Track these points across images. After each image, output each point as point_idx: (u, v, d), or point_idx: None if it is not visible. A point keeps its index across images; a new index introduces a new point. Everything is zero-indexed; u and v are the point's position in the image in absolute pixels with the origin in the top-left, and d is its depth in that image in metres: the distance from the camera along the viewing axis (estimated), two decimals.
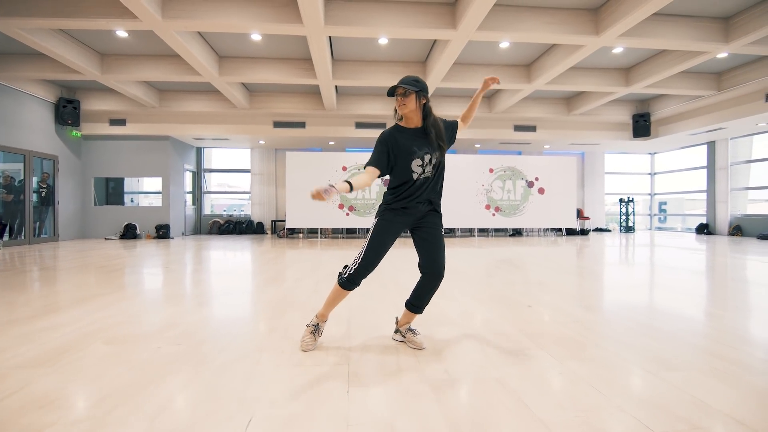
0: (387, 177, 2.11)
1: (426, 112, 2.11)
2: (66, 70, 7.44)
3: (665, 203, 14.55)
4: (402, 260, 5.66)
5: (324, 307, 2.19)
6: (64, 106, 9.20)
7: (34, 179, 9.20)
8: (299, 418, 1.43)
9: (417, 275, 2.18)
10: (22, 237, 8.60)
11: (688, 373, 1.82)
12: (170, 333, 2.39)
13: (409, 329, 2.24)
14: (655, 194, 14.34)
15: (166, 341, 2.25)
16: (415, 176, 2.06)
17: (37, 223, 9.14)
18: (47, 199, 9.41)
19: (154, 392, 1.63)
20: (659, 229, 14.32)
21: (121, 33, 6.54)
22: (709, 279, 4.41)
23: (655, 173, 14.27)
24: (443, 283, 4.03)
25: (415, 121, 2.10)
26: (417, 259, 2.16)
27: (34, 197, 8.99)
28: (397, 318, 2.32)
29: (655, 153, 14.09)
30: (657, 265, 5.50)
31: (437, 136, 2.08)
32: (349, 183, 1.85)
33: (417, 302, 2.18)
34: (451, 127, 2.23)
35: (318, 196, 1.73)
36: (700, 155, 12.30)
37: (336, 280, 2.20)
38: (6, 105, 8.01)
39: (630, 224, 13.14)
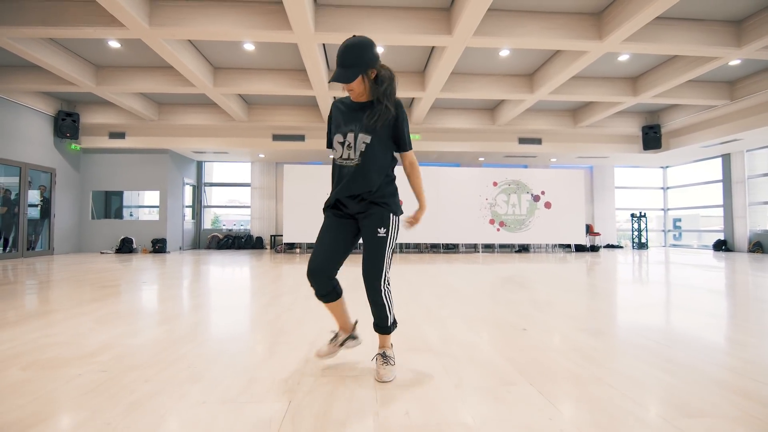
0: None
1: (380, 81, 1.71)
2: (61, 82, 7.38)
3: (679, 220, 13.97)
4: (391, 276, 5.30)
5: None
6: (63, 119, 9.17)
7: (35, 192, 9.14)
8: None
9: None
10: (16, 250, 8.46)
11: (713, 420, 1.44)
12: (102, 357, 2.08)
13: (381, 354, 1.87)
14: (668, 209, 13.80)
15: (92, 367, 1.93)
16: (335, 156, 1.78)
17: (32, 236, 9.01)
18: (43, 212, 9.30)
19: None
20: (674, 246, 13.72)
21: (114, 44, 6.47)
22: (730, 299, 3.97)
23: (667, 187, 13.76)
24: (430, 301, 3.70)
25: (364, 95, 1.76)
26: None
27: (30, 210, 8.88)
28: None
29: (667, 167, 13.62)
30: (673, 284, 5.06)
31: (376, 113, 1.70)
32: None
33: (374, 319, 1.88)
34: (398, 126, 1.77)
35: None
36: (714, 169, 11.81)
37: None
38: (3, 117, 7.98)
39: (643, 240, 12.59)
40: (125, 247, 10.22)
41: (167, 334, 2.54)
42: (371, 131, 1.72)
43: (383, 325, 1.86)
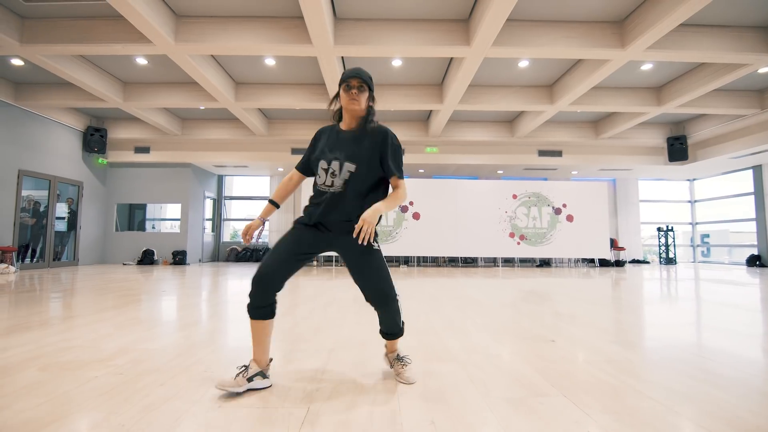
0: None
1: (369, 114, 1.77)
2: (91, 98, 7.68)
3: (707, 236, 13.41)
4: (409, 288, 5.19)
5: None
6: (91, 134, 9.51)
7: (63, 204, 9.44)
8: None
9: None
10: (43, 261, 8.69)
11: None
12: (118, 361, 2.05)
13: (397, 358, 1.84)
14: (696, 223, 13.29)
15: (108, 370, 1.90)
16: (319, 181, 1.72)
17: (59, 247, 9.26)
18: (70, 224, 9.58)
19: None
20: (704, 261, 13.15)
21: (141, 60, 6.70)
22: None
23: (695, 201, 13.29)
24: (451, 313, 3.58)
25: (353, 123, 1.78)
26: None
27: (57, 222, 9.15)
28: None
29: (694, 179, 13.18)
30: (708, 300, 4.80)
31: (366, 143, 1.71)
32: (271, 201, 1.79)
33: (382, 327, 1.84)
34: (389, 155, 1.73)
35: (247, 237, 1.76)
36: (745, 181, 11.36)
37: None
38: (35, 132, 8.32)
39: (670, 255, 12.11)
40: (146, 258, 10.40)
41: (184, 340, 2.51)
42: (357, 159, 1.68)
43: (394, 331, 1.83)
